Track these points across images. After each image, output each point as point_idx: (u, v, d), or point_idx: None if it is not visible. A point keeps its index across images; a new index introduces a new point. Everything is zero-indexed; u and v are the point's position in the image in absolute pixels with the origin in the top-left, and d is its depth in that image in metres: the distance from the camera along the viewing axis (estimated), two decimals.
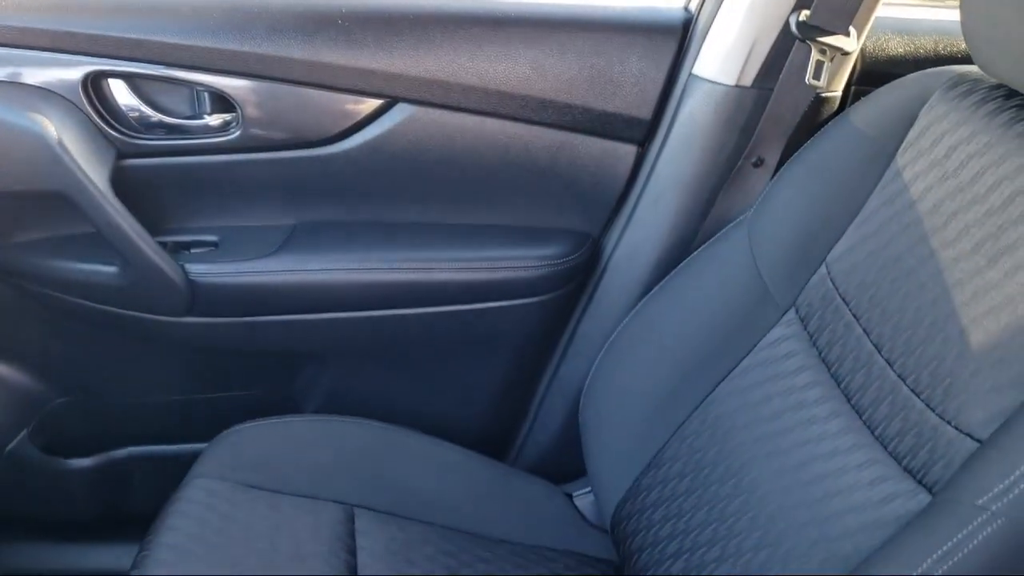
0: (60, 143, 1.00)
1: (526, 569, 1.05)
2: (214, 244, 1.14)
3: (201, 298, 1.10)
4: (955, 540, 0.62)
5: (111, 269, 1.09)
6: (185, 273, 1.09)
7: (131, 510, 1.25)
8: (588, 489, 1.17)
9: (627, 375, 1.09)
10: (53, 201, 1.03)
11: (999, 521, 0.61)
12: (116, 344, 1.17)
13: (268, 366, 1.22)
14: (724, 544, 0.88)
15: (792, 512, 0.83)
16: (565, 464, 1.24)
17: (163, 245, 1.09)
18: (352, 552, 1.00)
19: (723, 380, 0.98)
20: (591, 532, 1.14)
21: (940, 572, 0.62)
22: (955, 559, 0.62)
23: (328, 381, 1.23)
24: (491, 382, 1.23)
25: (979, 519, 0.62)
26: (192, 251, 1.12)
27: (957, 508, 0.64)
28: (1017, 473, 0.61)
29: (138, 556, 0.95)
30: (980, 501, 0.62)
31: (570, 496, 1.19)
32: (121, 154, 1.07)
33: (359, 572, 0.97)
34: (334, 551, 0.98)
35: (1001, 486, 0.62)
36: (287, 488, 1.04)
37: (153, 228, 1.08)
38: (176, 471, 1.06)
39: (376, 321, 1.15)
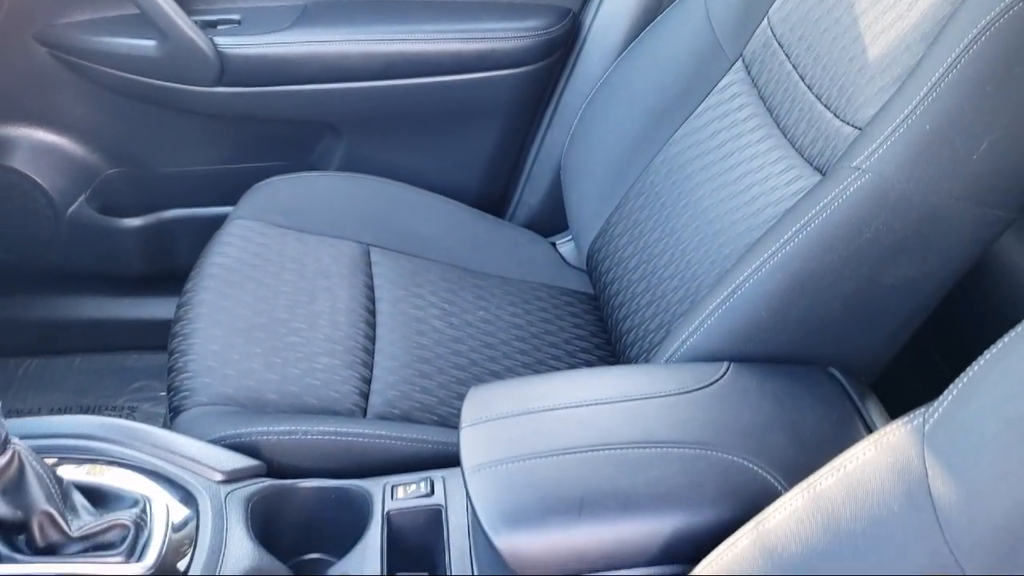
0: None
1: (513, 295, 1.25)
2: (237, 22, 1.29)
3: (229, 68, 1.26)
4: (831, 195, 0.80)
5: (150, 43, 1.24)
6: (214, 45, 1.24)
7: (175, 267, 1.45)
8: (569, 237, 1.36)
9: (601, 129, 1.25)
10: None
11: (867, 176, 0.78)
12: (158, 117, 1.34)
13: (290, 136, 1.39)
14: (672, 252, 1.07)
15: (726, 215, 1.01)
16: (551, 223, 1.42)
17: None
18: (369, 276, 1.19)
19: (681, 125, 1.14)
20: (571, 271, 1.33)
21: (817, 221, 0.80)
22: (830, 210, 0.79)
23: (343, 151, 1.40)
24: (486, 148, 1.40)
25: (851, 177, 0.79)
26: (219, 28, 1.28)
27: (838, 173, 0.81)
28: (882, 137, 0.78)
29: (192, 273, 1.15)
30: (854, 163, 0.80)
31: (553, 244, 1.37)
32: None
33: (375, 290, 1.17)
34: (354, 273, 1.18)
35: (870, 149, 0.79)
36: (311, 229, 1.22)
37: (183, 8, 1.23)
38: (215, 230, 1.24)
39: (381, 91, 1.31)
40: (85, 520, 0.73)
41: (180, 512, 0.78)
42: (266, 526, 0.83)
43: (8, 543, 0.71)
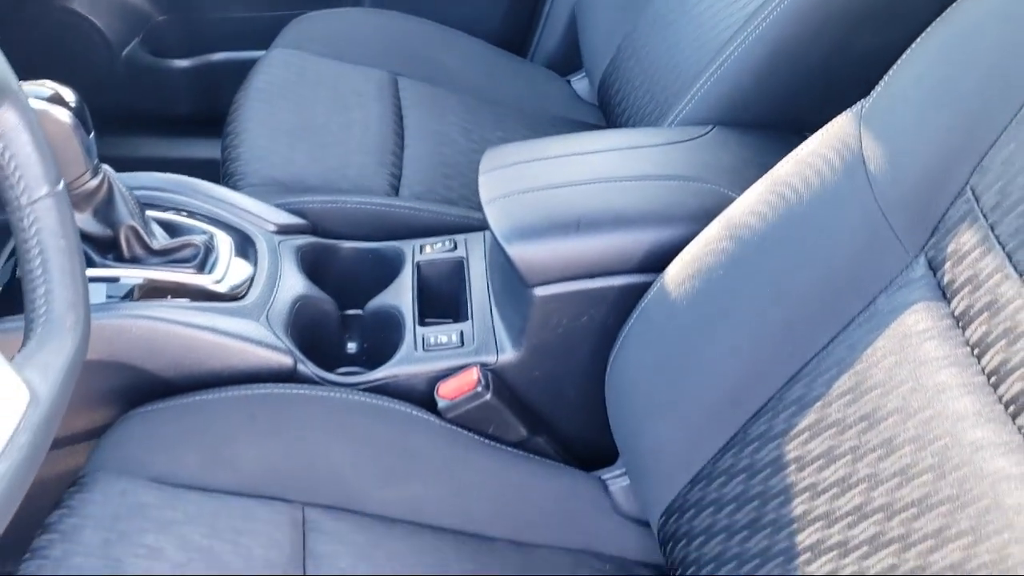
0: None
1: (529, 123, 1.36)
2: None
3: None
4: None
5: None
6: None
7: (221, 107, 1.57)
8: (583, 75, 1.45)
9: None
10: None
11: None
12: None
13: None
14: (677, 62, 1.16)
15: (722, 20, 1.10)
16: (567, 65, 1.51)
17: None
18: (397, 99, 1.30)
19: None
20: (584, 105, 1.42)
21: None
22: None
23: None
24: None
25: None
26: None
27: None
28: None
29: (238, 91, 1.27)
30: None
31: (568, 82, 1.47)
32: None
33: (403, 111, 1.29)
34: (383, 96, 1.29)
35: None
36: (345, 57, 1.34)
37: None
38: None
39: None
40: (162, 241, 0.86)
41: (240, 248, 0.91)
42: (312, 279, 0.96)
43: (100, 256, 0.84)
